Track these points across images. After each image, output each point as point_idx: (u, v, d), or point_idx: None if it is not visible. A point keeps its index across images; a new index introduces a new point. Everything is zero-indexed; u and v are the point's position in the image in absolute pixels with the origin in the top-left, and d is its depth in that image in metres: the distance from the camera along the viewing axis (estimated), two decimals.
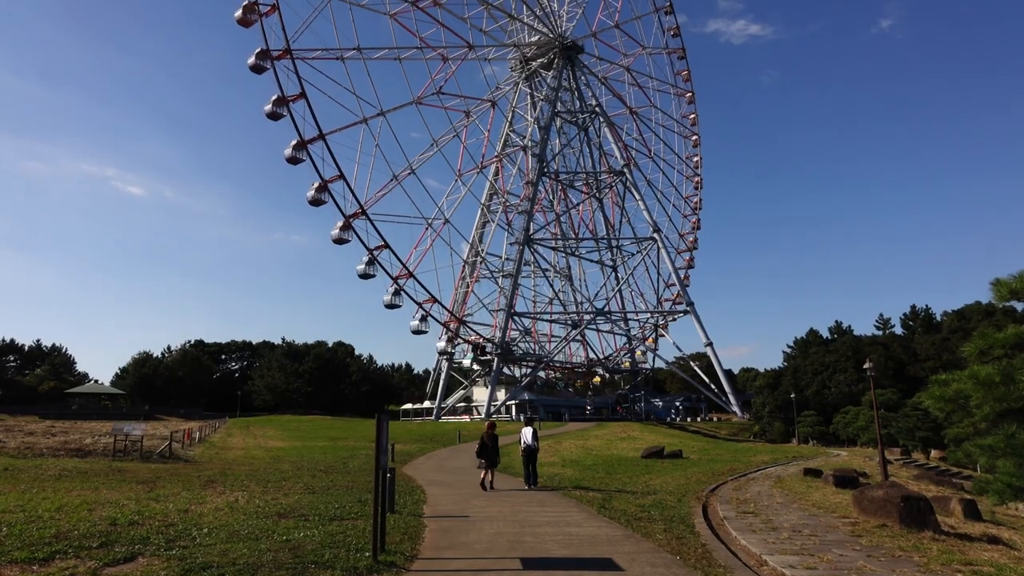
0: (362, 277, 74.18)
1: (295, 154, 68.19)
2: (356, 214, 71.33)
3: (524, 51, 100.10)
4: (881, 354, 79.47)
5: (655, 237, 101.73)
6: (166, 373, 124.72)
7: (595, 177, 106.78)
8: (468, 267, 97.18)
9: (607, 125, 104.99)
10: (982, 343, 15.71)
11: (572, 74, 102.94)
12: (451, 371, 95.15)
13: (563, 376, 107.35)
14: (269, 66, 65.63)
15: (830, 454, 47.94)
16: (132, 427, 33.50)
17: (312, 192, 69.30)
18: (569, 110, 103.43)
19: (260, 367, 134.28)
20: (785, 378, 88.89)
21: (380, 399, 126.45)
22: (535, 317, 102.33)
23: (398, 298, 75.36)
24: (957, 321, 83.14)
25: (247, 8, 65.18)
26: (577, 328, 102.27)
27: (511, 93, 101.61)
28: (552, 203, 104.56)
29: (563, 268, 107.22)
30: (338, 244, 71.99)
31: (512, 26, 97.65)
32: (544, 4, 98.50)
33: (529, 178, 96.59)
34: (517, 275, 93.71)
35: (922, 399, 17.77)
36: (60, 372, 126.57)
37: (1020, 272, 15.03)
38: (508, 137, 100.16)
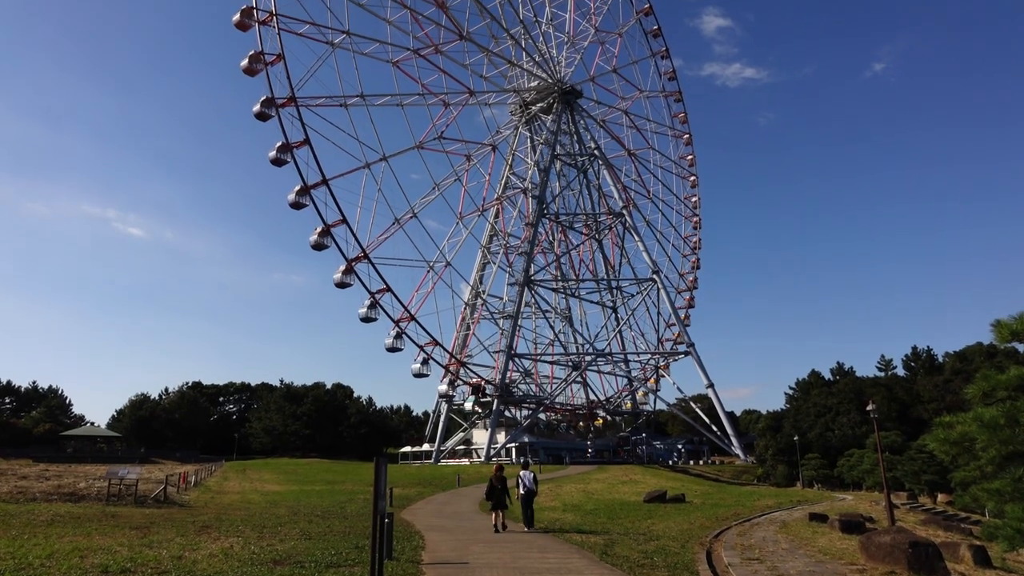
0: (364, 321, 74.17)
1: (298, 199, 68.95)
2: (358, 258, 71.73)
3: (524, 96, 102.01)
4: (884, 396, 78.82)
5: (654, 278, 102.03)
6: (163, 415, 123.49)
7: (595, 218, 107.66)
8: (469, 309, 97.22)
9: (606, 167, 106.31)
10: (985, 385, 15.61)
11: (571, 118, 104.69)
12: (451, 413, 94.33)
13: (564, 418, 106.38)
14: (274, 114, 66.84)
15: (835, 498, 47.22)
16: (127, 471, 33.05)
17: (315, 236, 69.83)
18: (569, 153, 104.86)
19: (258, 409, 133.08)
20: (787, 420, 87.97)
21: (379, 442, 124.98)
22: (535, 359, 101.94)
23: (399, 341, 75.24)
24: (959, 362, 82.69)
25: (253, 58, 66.67)
26: (577, 369, 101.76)
27: (511, 137, 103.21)
28: (552, 244, 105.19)
29: (563, 309, 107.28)
30: (340, 288, 72.24)
31: (512, 72, 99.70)
32: (543, 50, 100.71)
33: (529, 220, 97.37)
34: (517, 316, 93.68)
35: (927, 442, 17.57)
36: (56, 414, 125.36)
37: (1020, 314, 15.03)
38: (508, 180, 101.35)
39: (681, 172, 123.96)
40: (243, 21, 67.05)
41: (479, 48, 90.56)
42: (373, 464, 9.97)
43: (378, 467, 9.78)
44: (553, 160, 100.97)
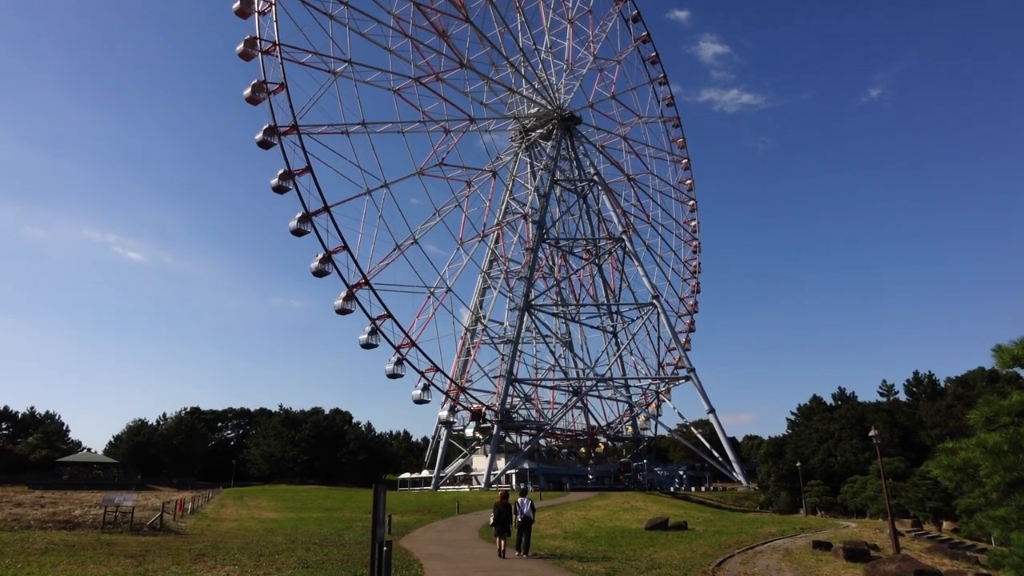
0: (365, 347, 74.03)
1: (300, 226, 69.23)
2: (359, 284, 71.82)
3: (524, 122, 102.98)
4: (886, 421, 78.33)
5: (654, 302, 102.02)
6: (160, 441, 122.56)
7: (594, 243, 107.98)
8: (469, 334, 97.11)
9: (605, 192, 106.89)
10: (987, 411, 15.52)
11: (571, 144, 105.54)
12: (450, 439, 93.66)
13: (565, 444, 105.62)
14: (276, 142, 67.39)
15: (839, 525, 46.69)
16: (123, 498, 32.73)
17: (316, 263, 70.01)
18: (568, 178, 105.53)
19: (256, 435, 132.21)
20: (789, 446, 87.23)
21: (378, 468, 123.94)
22: (536, 384, 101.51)
23: (400, 367, 75.03)
24: (961, 388, 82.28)
25: (256, 87, 67.42)
26: (578, 395, 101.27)
27: (511, 163, 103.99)
28: (552, 269, 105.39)
29: (563, 334, 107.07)
30: (341, 314, 72.20)
31: (512, 99, 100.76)
32: (543, 78, 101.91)
33: (529, 245, 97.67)
34: (517, 341, 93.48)
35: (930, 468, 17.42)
36: (53, 440, 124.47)
37: (1021, 338, 15.00)
38: (508, 205, 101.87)
39: (680, 196, 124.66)
40: (247, 51, 67.89)
41: (479, 76, 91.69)
42: (372, 491, 9.89)
43: (377, 494, 9.69)
44: (553, 185, 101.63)
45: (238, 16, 68.83)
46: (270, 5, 67.87)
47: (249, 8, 68.14)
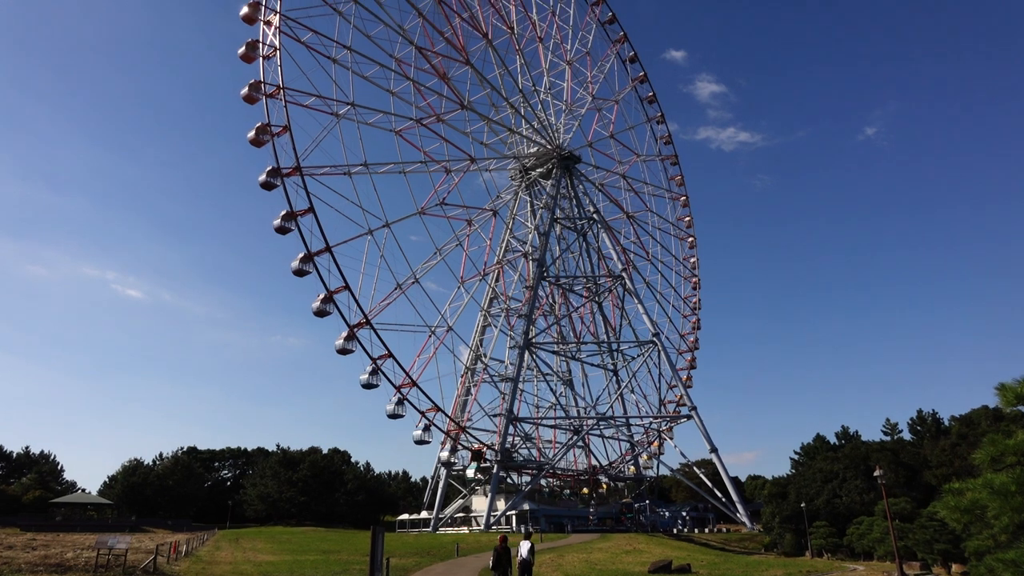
0: (365, 387, 73.56)
1: (302, 267, 69.49)
2: (360, 324, 71.77)
3: (524, 162, 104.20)
4: (891, 461, 77.36)
5: (655, 340, 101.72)
6: (156, 482, 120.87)
7: (594, 281, 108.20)
8: (469, 373, 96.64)
9: (605, 230, 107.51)
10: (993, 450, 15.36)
11: (570, 182, 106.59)
12: (450, 479, 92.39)
13: (566, 484, 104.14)
14: (279, 183, 68.15)
15: (846, 569, 45.78)
16: (116, 540, 32.16)
17: (317, 303, 70.12)
18: (568, 216, 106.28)
19: (253, 475, 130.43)
20: (793, 486, 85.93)
21: (376, 509, 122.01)
22: (536, 422, 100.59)
23: (401, 407, 74.46)
24: (966, 427, 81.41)
25: (260, 129, 68.44)
26: (579, 434, 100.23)
27: (512, 201, 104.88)
28: (553, 307, 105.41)
29: (564, 372, 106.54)
30: (342, 354, 71.97)
31: (512, 138, 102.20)
32: (542, 118, 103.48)
33: (529, 283, 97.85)
34: (517, 379, 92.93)
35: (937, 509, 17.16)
36: (47, 480, 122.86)
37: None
38: (509, 243, 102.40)
39: (679, 233, 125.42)
40: (251, 95, 69.06)
41: (480, 116, 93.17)
42: (369, 533, 9.74)
43: (375, 536, 9.54)
44: (553, 224, 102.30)
45: (243, 61, 70.19)
46: (275, 50, 69.27)
47: (254, 53, 69.54)
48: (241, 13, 70.83)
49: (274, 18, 70.33)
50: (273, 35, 69.86)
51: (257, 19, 70.46)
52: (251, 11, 70.63)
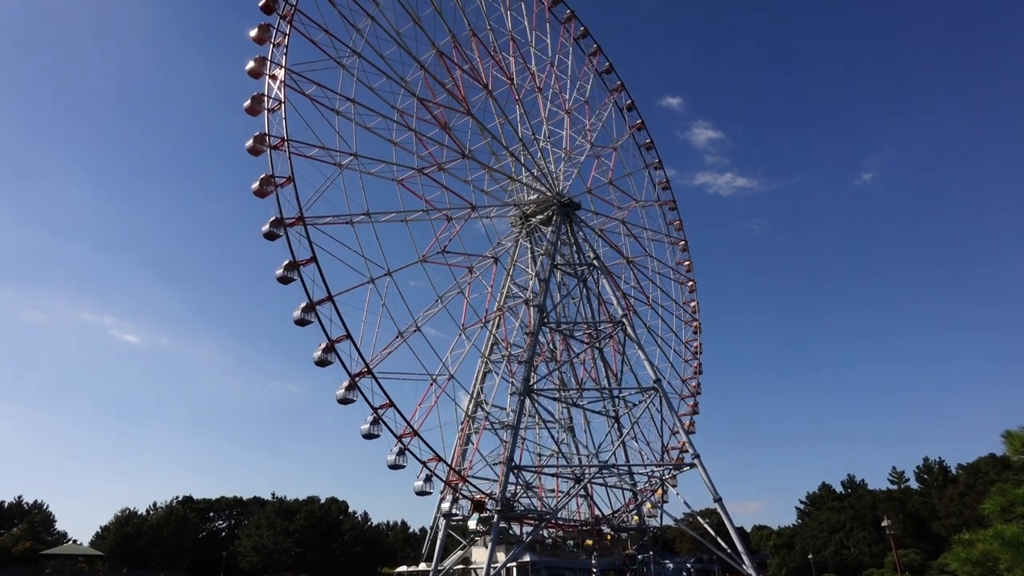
0: (366, 437, 72.72)
1: (304, 316, 69.55)
2: (361, 373, 71.38)
3: (524, 209, 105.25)
4: (898, 510, 76.08)
5: (656, 387, 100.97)
6: (150, 532, 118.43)
7: (595, 327, 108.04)
8: (469, 420, 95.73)
9: (605, 275, 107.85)
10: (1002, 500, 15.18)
11: (570, 228, 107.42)
12: (449, 529, 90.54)
13: (569, 534, 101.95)
14: (282, 233, 68.73)
15: None
16: None
17: (319, 353, 69.96)
18: (568, 262, 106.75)
19: (248, 525, 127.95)
20: (799, 537, 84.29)
21: (374, 561, 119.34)
22: (537, 471, 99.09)
23: (402, 458, 73.42)
24: (974, 475, 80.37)
25: (264, 181, 69.32)
26: (580, 482, 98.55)
27: (512, 248, 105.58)
28: (554, 353, 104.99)
29: (565, 419, 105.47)
30: (343, 404, 71.37)
31: (512, 186, 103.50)
32: (542, 165, 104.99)
33: (530, 329, 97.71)
34: (517, 427, 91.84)
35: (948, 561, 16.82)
36: (38, 531, 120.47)
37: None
38: (510, 290, 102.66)
39: (679, 278, 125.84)
40: (256, 146, 70.19)
41: (480, 165, 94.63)
42: None
43: None
44: (553, 270, 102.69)
45: (248, 114, 71.58)
46: (280, 103, 70.79)
47: (259, 106, 70.99)
48: (247, 67, 72.49)
49: (279, 72, 72.01)
50: (278, 88, 71.41)
51: (263, 73, 72.09)
52: (257, 65, 72.34)
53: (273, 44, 74.66)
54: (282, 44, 74.90)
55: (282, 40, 74.99)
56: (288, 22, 75.59)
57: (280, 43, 74.84)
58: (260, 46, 74.28)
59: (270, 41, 74.60)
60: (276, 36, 74.89)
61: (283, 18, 75.87)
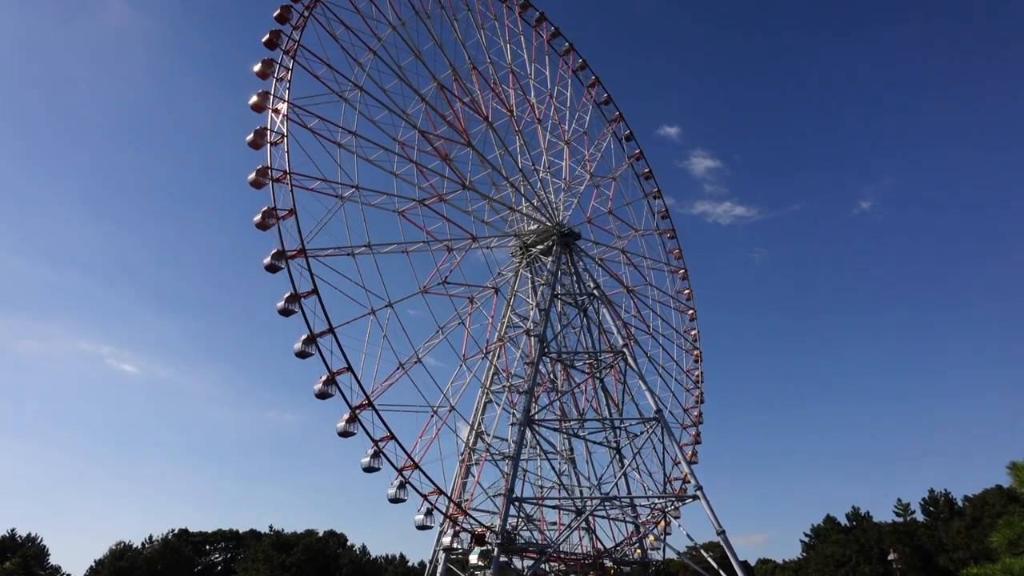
0: (367, 471, 72.01)
1: (305, 349, 69.55)
2: (362, 405, 71.04)
3: (524, 239, 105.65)
4: (905, 544, 75.02)
5: (658, 417, 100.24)
6: (144, 567, 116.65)
7: (595, 357, 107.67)
8: (469, 451, 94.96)
9: (606, 305, 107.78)
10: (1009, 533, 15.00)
11: (570, 258, 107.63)
12: (448, 563, 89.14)
13: (570, 568, 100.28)
14: (284, 266, 69.00)
15: None
16: None
17: (319, 385, 69.77)
18: (569, 292, 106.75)
19: (245, 559, 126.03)
20: (806, 571, 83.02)
21: None
22: (539, 503, 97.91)
23: (403, 492, 72.69)
24: (980, 508, 79.33)
25: (266, 214, 69.85)
26: (581, 515, 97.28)
27: (513, 278, 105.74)
28: (555, 383, 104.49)
29: (566, 450, 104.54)
30: (343, 437, 70.95)
31: (512, 217, 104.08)
32: (542, 196, 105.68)
33: (531, 359, 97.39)
34: (518, 458, 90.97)
35: None
36: (31, 566, 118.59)
37: None
38: (510, 320, 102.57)
39: (679, 306, 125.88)
40: (258, 179, 70.87)
41: (481, 196, 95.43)
42: None
43: None
44: (554, 300, 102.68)
45: (251, 147, 72.36)
46: (282, 137, 71.63)
47: (262, 140, 71.82)
48: (250, 102, 73.53)
49: (282, 106, 72.97)
50: (281, 122, 72.33)
51: (266, 107, 73.07)
52: (260, 100, 73.37)
53: (276, 78, 75.86)
54: (285, 78, 76.11)
55: (285, 75, 76.22)
56: (291, 57, 76.90)
57: (283, 77, 76.05)
58: (263, 80, 75.47)
59: (273, 76, 75.81)
60: (279, 71, 76.17)
61: (286, 53, 77.25)
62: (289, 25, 78.66)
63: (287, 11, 79.09)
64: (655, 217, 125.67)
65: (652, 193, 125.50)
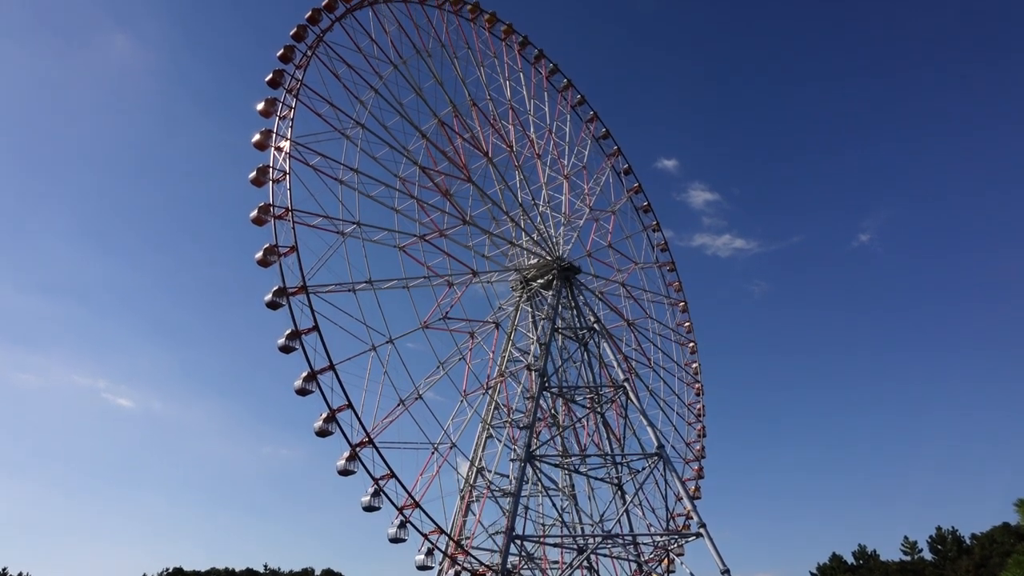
0: (367, 510, 70.96)
1: (305, 386, 69.13)
2: (362, 443, 70.36)
3: (525, 273, 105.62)
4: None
5: (660, 452, 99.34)
6: None
7: (596, 392, 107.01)
8: (469, 488, 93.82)
9: (606, 339, 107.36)
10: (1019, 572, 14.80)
11: (571, 292, 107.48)
12: None
13: None
14: (285, 303, 68.85)
15: None
16: None
17: (320, 423, 69.17)
18: (569, 326, 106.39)
19: None
20: None
21: None
22: (540, 541, 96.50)
23: (403, 531, 71.59)
24: (988, 546, 78.47)
25: (268, 251, 69.87)
26: (583, 553, 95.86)
27: (513, 313, 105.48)
28: (556, 418, 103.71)
29: (567, 487, 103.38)
30: (343, 476, 70.09)
31: (512, 251, 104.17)
32: (542, 230, 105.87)
33: (531, 394, 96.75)
34: (518, 494, 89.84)
35: None
36: None
37: None
38: (511, 354, 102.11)
39: (680, 339, 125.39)
40: (260, 217, 71.08)
41: (481, 231, 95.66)
42: None
43: None
44: (554, 334, 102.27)
45: (253, 185, 72.69)
46: (284, 174, 71.96)
47: (264, 177, 72.15)
48: (253, 140, 73.97)
49: (285, 144, 73.44)
50: (283, 160, 72.69)
51: (268, 145, 73.52)
52: (263, 138, 73.82)
53: (279, 117, 76.43)
54: (288, 117, 76.70)
55: (288, 113, 76.82)
56: (294, 95, 77.57)
57: (286, 116, 76.65)
58: (266, 119, 76.01)
59: (276, 114, 76.42)
60: (282, 109, 76.81)
61: (289, 92, 77.95)
62: (292, 64, 79.50)
63: (290, 51, 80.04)
64: (654, 250, 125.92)
65: (651, 226, 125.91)
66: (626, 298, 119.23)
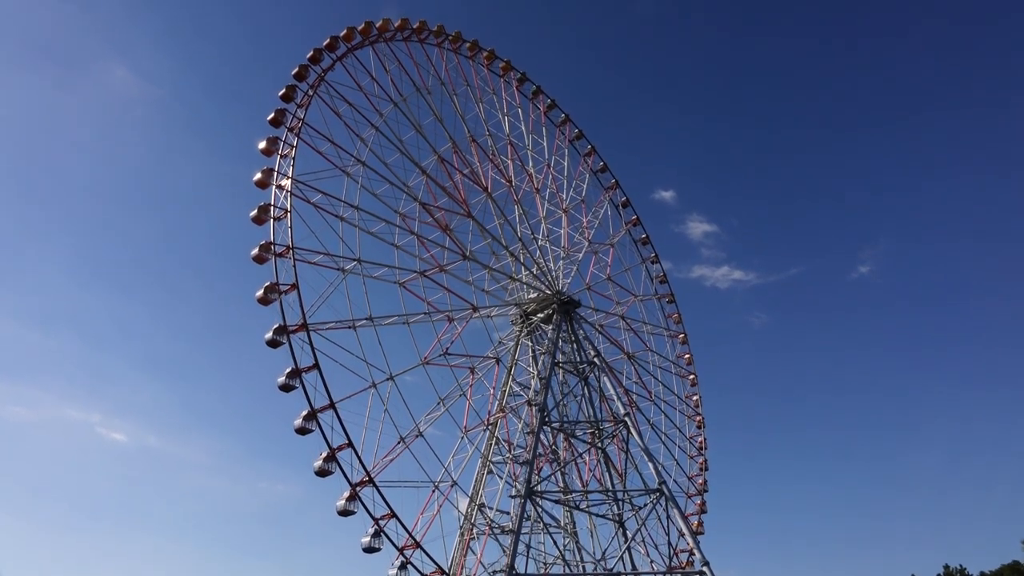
0: (367, 551, 69.88)
1: (305, 425, 68.56)
2: (363, 482, 69.55)
3: (524, 307, 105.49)
4: None
5: (662, 488, 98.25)
6: None
7: (597, 426, 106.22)
8: (469, 525, 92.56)
9: (606, 373, 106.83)
10: None
11: (570, 326, 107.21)
12: None
13: None
14: (285, 341, 68.59)
15: None
16: None
17: (319, 462, 68.45)
18: (570, 360, 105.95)
19: None
20: None
21: None
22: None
23: (404, 572, 70.38)
24: None
25: (268, 289, 69.81)
26: None
27: (513, 347, 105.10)
28: (556, 454, 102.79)
29: (568, 523, 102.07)
30: (343, 516, 69.11)
31: (512, 285, 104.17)
32: (541, 264, 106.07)
33: (532, 429, 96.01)
34: (519, 532, 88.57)
35: None
36: None
37: None
38: (511, 389, 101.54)
39: (680, 371, 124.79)
40: (261, 255, 71.15)
41: (481, 265, 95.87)
42: None
43: None
44: (554, 369, 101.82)
45: (254, 223, 72.96)
46: (285, 212, 72.25)
47: (266, 216, 72.45)
48: (255, 179, 74.42)
49: (286, 182, 73.89)
50: (285, 198, 73.06)
51: (269, 184, 73.96)
52: (264, 176, 74.29)
53: (280, 155, 77.03)
54: (289, 155, 77.29)
55: (289, 151, 77.44)
56: (295, 134, 78.26)
57: (287, 154, 77.25)
58: (268, 158, 76.60)
59: (277, 153, 77.02)
60: (283, 148, 77.44)
61: (290, 131, 78.66)
62: (294, 103, 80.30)
63: (292, 90, 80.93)
64: (653, 282, 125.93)
65: (650, 258, 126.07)
66: (626, 331, 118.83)
